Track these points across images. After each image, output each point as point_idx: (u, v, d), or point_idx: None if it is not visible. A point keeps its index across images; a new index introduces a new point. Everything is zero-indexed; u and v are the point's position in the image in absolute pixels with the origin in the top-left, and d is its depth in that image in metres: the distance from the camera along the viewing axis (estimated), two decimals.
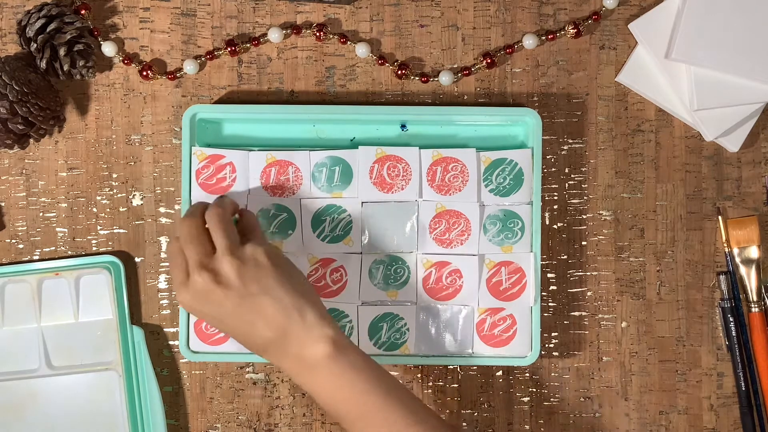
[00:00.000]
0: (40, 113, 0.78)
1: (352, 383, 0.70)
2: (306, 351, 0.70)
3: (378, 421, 0.70)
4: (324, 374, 0.70)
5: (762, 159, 0.85)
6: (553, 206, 0.84)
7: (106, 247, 0.84)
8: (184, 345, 0.81)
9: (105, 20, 0.84)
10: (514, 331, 0.81)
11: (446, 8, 0.84)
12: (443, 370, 0.84)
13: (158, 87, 0.84)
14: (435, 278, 0.81)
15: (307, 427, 0.85)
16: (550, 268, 0.84)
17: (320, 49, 0.84)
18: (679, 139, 0.84)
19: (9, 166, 0.84)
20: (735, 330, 0.83)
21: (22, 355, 0.83)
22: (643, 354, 0.84)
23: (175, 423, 0.84)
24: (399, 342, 0.81)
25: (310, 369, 0.71)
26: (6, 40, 0.84)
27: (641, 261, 0.84)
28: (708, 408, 0.85)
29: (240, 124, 0.83)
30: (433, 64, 0.84)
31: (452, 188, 0.80)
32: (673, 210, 0.84)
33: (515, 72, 0.84)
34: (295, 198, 0.81)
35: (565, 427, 0.85)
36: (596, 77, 0.84)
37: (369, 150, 0.81)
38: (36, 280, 0.82)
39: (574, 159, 0.84)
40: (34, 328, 0.83)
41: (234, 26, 0.84)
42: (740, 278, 0.84)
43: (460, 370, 0.84)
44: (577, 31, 0.83)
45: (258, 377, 0.84)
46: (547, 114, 0.84)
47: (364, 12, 0.84)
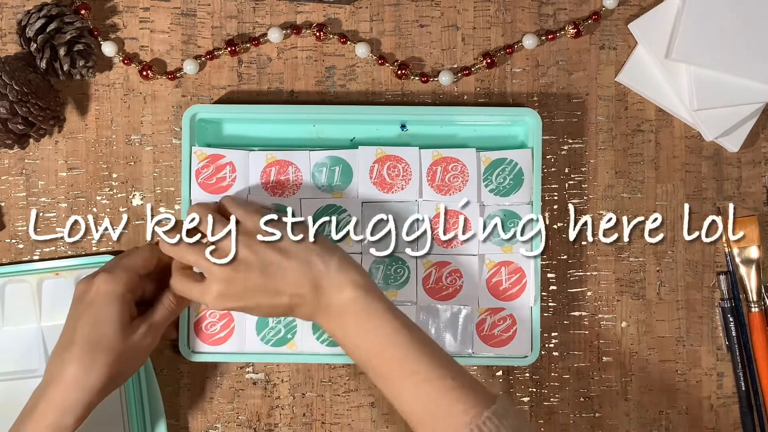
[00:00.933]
0: (40, 113, 0.78)
1: (377, 329, 0.70)
2: (333, 299, 0.70)
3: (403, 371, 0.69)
4: (351, 319, 0.70)
5: (762, 159, 0.85)
6: (553, 206, 0.84)
7: (106, 247, 0.84)
8: (184, 345, 0.81)
9: (105, 20, 0.84)
10: (514, 331, 0.81)
11: (446, 8, 0.84)
12: None
13: (158, 87, 0.84)
14: (435, 278, 0.81)
15: (307, 427, 0.85)
16: (550, 268, 0.84)
17: (320, 49, 0.84)
18: (679, 139, 0.84)
19: (9, 166, 0.84)
20: (735, 330, 0.83)
21: (22, 355, 0.83)
22: (643, 354, 0.84)
23: (175, 423, 0.84)
24: None
25: (338, 315, 0.70)
26: (6, 40, 0.84)
27: (641, 261, 0.84)
28: (708, 408, 0.85)
29: (240, 124, 0.83)
30: (433, 64, 0.84)
31: (452, 188, 0.80)
32: (673, 210, 0.84)
33: (515, 72, 0.84)
34: (295, 198, 0.81)
35: (565, 427, 0.85)
36: (596, 77, 0.84)
37: (369, 150, 0.81)
38: (36, 280, 0.82)
39: (574, 159, 0.84)
40: (34, 328, 0.83)
41: (234, 26, 0.84)
42: (740, 278, 0.84)
43: None
44: (577, 31, 0.83)
45: (258, 377, 0.84)
46: (547, 114, 0.84)
47: (364, 12, 0.84)
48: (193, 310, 0.81)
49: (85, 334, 0.71)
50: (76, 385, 0.70)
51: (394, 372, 0.69)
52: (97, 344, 0.71)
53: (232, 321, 0.81)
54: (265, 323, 0.81)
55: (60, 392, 0.70)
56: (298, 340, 0.81)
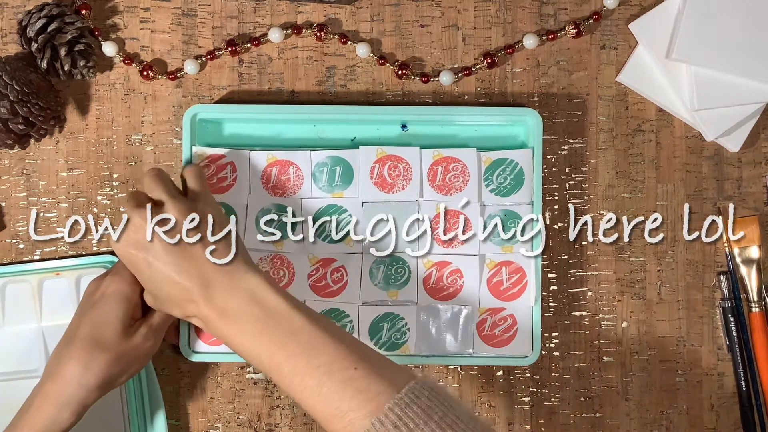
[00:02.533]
0: (40, 113, 0.78)
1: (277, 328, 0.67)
2: (229, 303, 0.68)
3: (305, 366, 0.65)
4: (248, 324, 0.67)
5: (762, 159, 0.85)
6: (554, 206, 0.84)
7: (107, 247, 0.84)
8: (184, 345, 0.81)
9: (105, 20, 0.84)
10: (514, 331, 0.81)
11: (446, 8, 0.84)
12: (444, 370, 0.84)
13: (159, 87, 0.84)
14: (436, 278, 0.81)
15: (308, 427, 0.85)
16: (551, 268, 0.84)
17: (321, 49, 0.84)
18: (679, 139, 0.84)
19: (9, 166, 0.84)
20: (735, 330, 0.83)
21: (23, 355, 0.83)
22: (643, 354, 0.84)
23: (176, 423, 0.84)
24: (400, 342, 0.81)
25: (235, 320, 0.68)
26: (6, 40, 0.84)
27: (642, 261, 0.84)
28: (708, 408, 0.85)
29: (241, 124, 0.83)
30: (433, 64, 0.84)
31: (453, 188, 0.80)
32: (673, 210, 0.84)
33: (516, 72, 0.84)
34: (295, 198, 0.81)
35: (566, 427, 0.85)
36: (597, 77, 0.84)
37: (370, 150, 0.81)
38: (36, 280, 0.82)
39: (575, 159, 0.84)
40: (34, 328, 0.83)
41: (234, 26, 0.84)
42: (740, 278, 0.84)
43: (460, 370, 0.84)
44: (578, 31, 0.83)
45: (258, 377, 0.84)
46: (548, 114, 0.84)
47: (364, 12, 0.84)
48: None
49: (86, 332, 0.72)
50: (73, 382, 0.70)
51: (296, 369, 0.65)
52: (97, 342, 0.71)
53: None
54: None
55: (57, 387, 0.70)
56: None
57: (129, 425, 0.81)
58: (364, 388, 0.63)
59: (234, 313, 0.68)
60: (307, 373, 0.65)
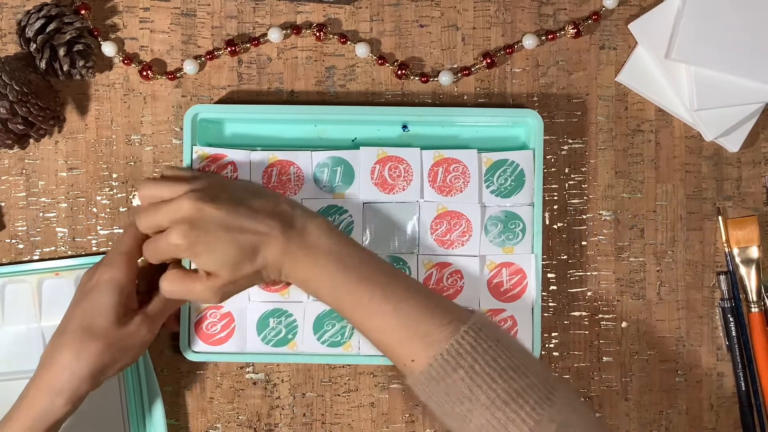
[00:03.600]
0: (40, 113, 0.78)
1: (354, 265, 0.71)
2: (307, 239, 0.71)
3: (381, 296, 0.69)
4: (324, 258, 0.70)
5: (762, 159, 0.85)
6: (553, 206, 0.84)
7: (106, 247, 0.84)
8: (184, 345, 0.81)
9: (105, 20, 0.83)
10: (515, 332, 0.81)
11: (446, 8, 0.84)
12: None
13: (158, 87, 0.84)
14: (436, 279, 0.81)
15: (307, 427, 0.85)
16: (551, 268, 0.84)
17: (320, 49, 0.84)
18: (679, 139, 0.84)
19: (9, 166, 0.84)
20: (735, 330, 0.84)
21: (22, 355, 0.83)
22: (643, 354, 0.85)
23: (175, 423, 0.84)
24: None
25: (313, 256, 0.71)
26: (6, 41, 0.83)
27: (641, 261, 0.84)
28: (708, 408, 0.85)
29: (242, 124, 0.83)
30: (433, 64, 0.84)
31: (453, 189, 0.80)
32: (673, 210, 0.84)
33: (515, 72, 0.84)
34: (296, 198, 0.81)
35: None
36: (596, 77, 0.84)
37: (370, 150, 0.81)
38: (36, 280, 0.82)
39: (574, 159, 0.84)
40: (34, 328, 0.83)
41: (234, 26, 0.84)
42: (740, 278, 0.84)
43: None
44: (577, 31, 0.83)
45: (258, 377, 0.84)
46: (547, 114, 0.84)
47: (364, 12, 0.84)
48: (194, 309, 0.81)
49: (79, 320, 0.72)
50: (65, 370, 0.70)
51: (373, 299, 0.69)
52: (89, 330, 0.71)
53: (232, 321, 0.81)
54: (266, 324, 0.81)
55: (50, 376, 0.71)
56: (299, 340, 0.81)
57: (128, 425, 0.81)
58: (438, 315, 0.69)
59: (314, 244, 0.71)
60: (383, 302, 0.69)
